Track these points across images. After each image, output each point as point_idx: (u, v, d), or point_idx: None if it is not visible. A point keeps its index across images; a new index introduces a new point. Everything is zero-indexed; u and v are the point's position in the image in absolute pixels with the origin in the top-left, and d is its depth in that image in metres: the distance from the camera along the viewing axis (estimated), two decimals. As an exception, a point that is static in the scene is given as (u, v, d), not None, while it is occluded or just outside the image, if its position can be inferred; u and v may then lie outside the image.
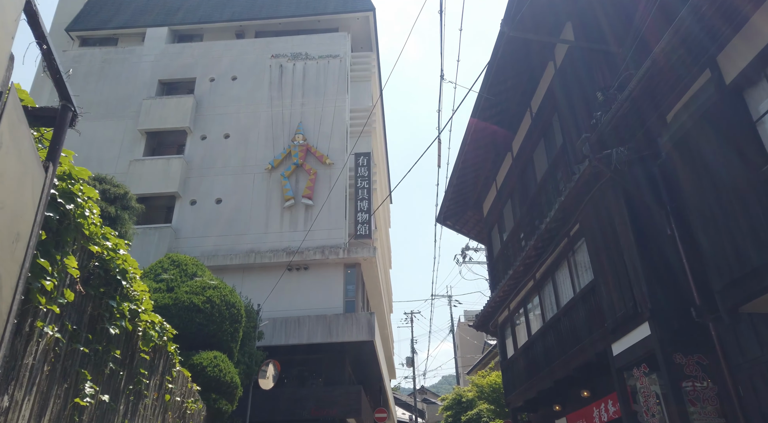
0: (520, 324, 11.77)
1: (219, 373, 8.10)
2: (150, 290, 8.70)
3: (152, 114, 21.75)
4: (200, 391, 7.27)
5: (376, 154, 24.10)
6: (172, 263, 9.63)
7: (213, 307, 8.86)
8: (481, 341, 46.32)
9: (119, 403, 3.49)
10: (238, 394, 8.84)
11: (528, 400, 11.07)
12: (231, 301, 9.26)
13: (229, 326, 9.07)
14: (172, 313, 8.43)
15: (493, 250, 14.08)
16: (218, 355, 8.37)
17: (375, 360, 19.71)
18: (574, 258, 9.06)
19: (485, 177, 13.80)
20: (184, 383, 5.52)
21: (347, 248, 18.98)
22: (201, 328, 8.60)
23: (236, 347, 9.30)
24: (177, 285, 9.00)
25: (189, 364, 7.85)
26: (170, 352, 4.78)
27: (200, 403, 6.36)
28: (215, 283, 9.38)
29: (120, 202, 9.99)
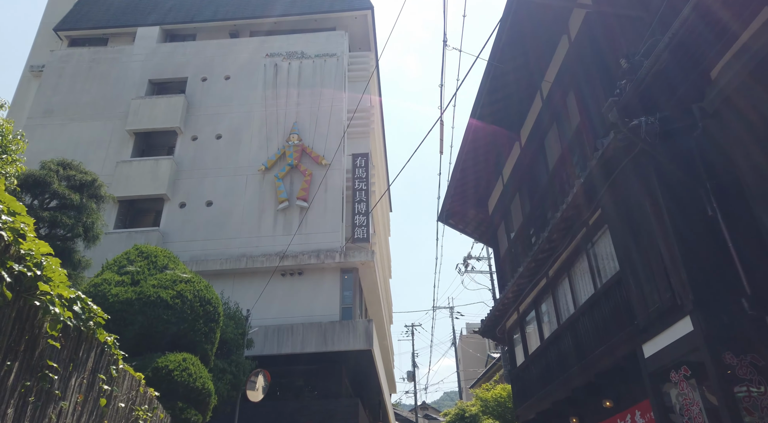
0: (531, 328, 10.73)
1: (188, 378, 7.03)
2: (112, 283, 7.71)
3: (141, 114, 20.92)
4: (164, 398, 6.25)
5: (375, 156, 23.22)
6: (139, 255, 8.60)
7: (184, 302, 7.81)
8: (484, 354, 45.00)
9: (2, 405, 2.49)
10: (212, 402, 7.79)
11: (541, 413, 9.99)
12: (206, 297, 8.23)
13: (203, 325, 8.02)
14: (135, 308, 7.39)
15: (499, 251, 13.08)
16: (188, 357, 7.32)
17: (374, 371, 18.58)
18: (593, 250, 8.08)
19: (490, 171, 12.87)
20: (134, 387, 4.50)
21: (344, 252, 17.99)
22: (169, 326, 7.54)
23: (212, 350, 8.27)
24: (143, 278, 7.96)
25: (153, 368, 6.82)
26: (106, 345, 3.77)
27: (161, 412, 5.35)
28: (188, 276, 8.35)
29: (87, 190, 9.04)
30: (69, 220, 8.65)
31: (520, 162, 11.27)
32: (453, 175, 12.45)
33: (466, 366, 48.23)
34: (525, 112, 10.81)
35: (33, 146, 17.51)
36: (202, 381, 7.28)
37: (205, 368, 7.60)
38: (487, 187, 13.35)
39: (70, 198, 8.76)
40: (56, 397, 3.07)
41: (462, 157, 11.69)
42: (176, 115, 20.81)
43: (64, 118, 21.22)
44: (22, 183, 8.47)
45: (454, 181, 12.41)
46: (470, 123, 10.44)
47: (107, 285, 7.61)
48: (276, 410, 15.55)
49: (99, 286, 7.58)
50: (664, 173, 6.28)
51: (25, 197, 8.57)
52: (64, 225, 8.58)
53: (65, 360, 3.17)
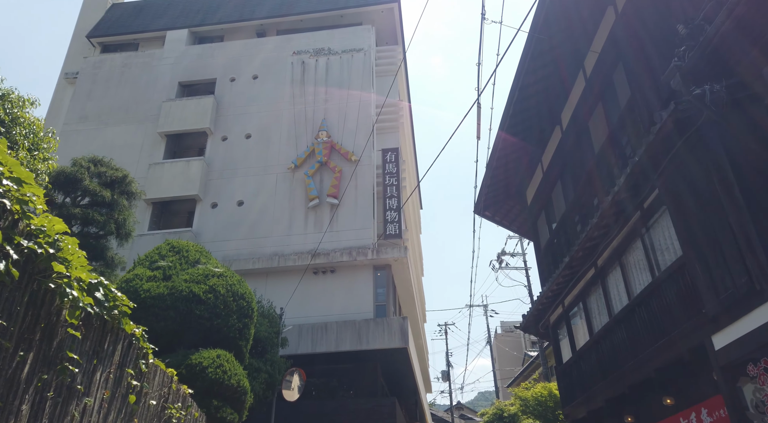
0: (578, 321, 10.14)
1: (222, 376, 6.78)
2: (143, 279, 7.53)
3: (172, 116, 21.07)
4: (198, 396, 6.00)
5: (404, 151, 22.81)
6: (171, 249, 8.41)
7: (217, 297, 7.56)
8: (520, 353, 44.02)
9: (16, 400, 2.20)
10: (248, 401, 7.52)
11: (593, 411, 9.40)
12: (239, 291, 7.97)
13: (237, 321, 7.76)
14: (168, 304, 7.18)
15: (539, 243, 12.49)
16: (223, 353, 7.07)
17: (409, 370, 18.16)
18: (649, 235, 7.48)
19: (528, 158, 12.29)
20: (166, 383, 4.23)
21: (376, 249, 17.64)
22: (202, 322, 7.31)
23: (246, 346, 8.01)
24: (175, 273, 7.76)
25: (186, 365, 6.59)
26: (134, 337, 3.49)
27: (195, 410, 5.09)
28: (221, 270, 8.11)
29: (118, 187, 8.93)
30: (101, 217, 8.56)
31: (561, 147, 10.68)
32: (489, 164, 11.94)
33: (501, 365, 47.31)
34: (566, 93, 10.23)
35: (69, 151, 17.78)
36: (237, 378, 7.01)
37: (239, 365, 7.35)
38: (525, 176, 12.77)
39: (102, 195, 8.67)
40: (79, 392, 2.78)
41: (499, 144, 11.17)
42: (206, 116, 20.87)
43: (98, 123, 21.55)
44: (54, 181, 8.44)
45: (490, 170, 11.90)
46: (507, 106, 9.93)
47: (139, 280, 7.45)
48: (312, 410, 15.31)
49: (131, 282, 7.43)
50: (733, 146, 5.69)
51: (58, 196, 8.54)
52: (95, 222, 8.50)
53: (88, 352, 2.88)
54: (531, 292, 28.78)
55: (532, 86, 9.81)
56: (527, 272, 29.95)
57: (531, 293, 28.50)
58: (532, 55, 9.07)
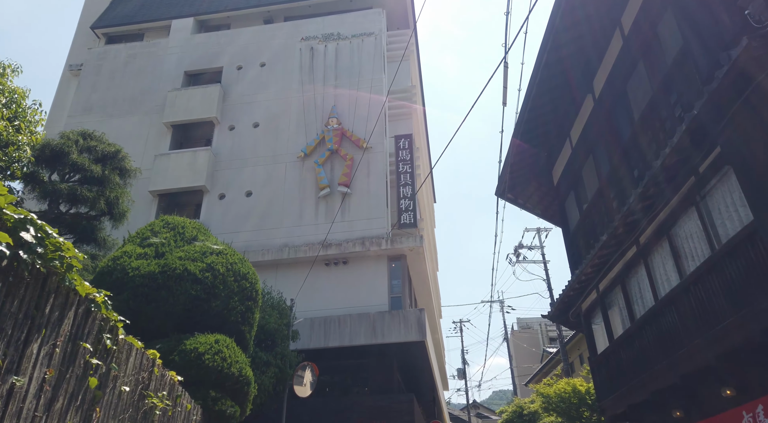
0: (616, 307, 9.23)
1: (221, 363, 5.97)
2: (132, 256, 6.78)
3: (177, 106, 20.44)
4: (193, 386, 5.25)
5: (417, 138, 21.95)
6: (165, 226, 7.61)
7: (215, 277, 6.77)
8: (539, 349, 42.95)
9: None
10: (252, 392, 6.73)
11: (635, 405, 8.49)
12: (241, 271, 7.18)
13: (239, 303, 6.96)
14: (159, 283, 6.38)
15: (568, 225, 11.57)
16: (222, 338, 6.27)
17: (427, 365, 17.32)
18: (706, 202, 6.56)
19: (556, 134, 11.39)
20: (146, 367, 3.45)
21: (390, 238, 16.82)
22: (199, 303, 6.50)
23: (250, 333, 7.21)
24: (169, 250, 6.97)
25: (180, 351, 5.83)
26: (95, 303, 2.70)
27: (187, 401, 4.33)
28: (220, 248, 7.32)
29: (110, 163, 8.19)
30: (89, 193, 7.85)
31: (594, 117, 9.77)
32: (512, 141, 11.05)
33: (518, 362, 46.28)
34: (599, 56, 9.31)
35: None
36: (239, 366, 6.22)
37: (242, 352, 6.56)
38: (552, 153, 11.86)
39: (91, 170, 7.95)
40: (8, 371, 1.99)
41: (524, 117, 10.29)
42: (212, 105, 20.21)
43: (103, 114, 21.00)
44: (39, 155, 7.74)
45: (513, 147, 11.01)
46: (535, 71, 9.05)
47: (127, 258, 6.67)
48: (326, 406, 14.54)
49: (118, 260, 6.66)
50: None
51: (43, 172, 7.85)
52: (84, 200, 7.79)
53: (15, 315, 2.09)
54: (550, 286, 27.97)
55: (562, 48, 8.92)
56: (546, 265, 29.05)
57: (550, 287, 27.69)
58: (564, 10, 8.19)
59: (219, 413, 5.70)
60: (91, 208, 8.03)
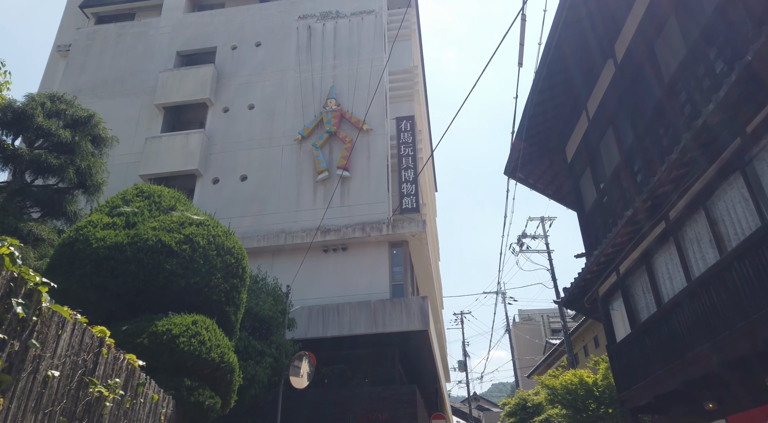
0: (640, 290, 8.48)
1: (199, 348, 5.19)
2: (98, 226, 6.00)
3: (169, 87, 19.60)
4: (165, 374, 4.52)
5: (419, 121, 21.14)
6: (139, 194, 6.75)
7: (195, 249, 5.96)
8: (542, 340, 42.38)
9: None
10: (236, 381, 5.96)
11: (661, 396, 7.76)
12: (226, 245, 6.36)
13: (222, 281, 6.15)
14: (128, 255, 5.56)
15: (584, 205, 10.80)
16: (201, 319, 5.46)
17: (429, 355, 16.63)
18: (753, 166, 5.79)
19: (571, 107, 10.60)
20: (89, 348, 2.69)
21: (391, 223, 16.06)
22: (175, 280, 5.67)
23: (236, 315, 6.43)
24: (142, 220, 6.19)
25: (150, 333, 5.05)
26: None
27: (153, 391, 3.59)
28: (201, 218, 6.52)
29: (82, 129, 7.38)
30: (56, 160, 7.04)
31: (615, 84, 8.98)
32: (524, 113, 10.25)
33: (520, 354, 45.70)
34: (623, 14, 8.50)
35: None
36: (220, 351, 5.42)
37: (225, 336, 5.77)
38: (566, 128, 11.07)
39: (58, 134, 7.14)
40: None
41: (537, 86, 9.49)
42: (205, 86, 19.38)
43: (92, 96, 20.13)
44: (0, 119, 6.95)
45: (525, 120, 10.22)
46: (552, 32, 8.25)
47: (92, 227, 5.83)
48: (325, 398, 13.85)
49: (81, 229, 5.82)
50: None
51: (6, 137, 7.07)
52: (50, 167, 6.99)
53: None
54: (554, 276, 27.48)
55: (581, 6, 8.11)
56: (549, 255, 28.46)
57: (554, 276, 27.19)
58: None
59: (195, 405, 4.93)
60: (60, 177, 7.24)
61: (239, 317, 6.57)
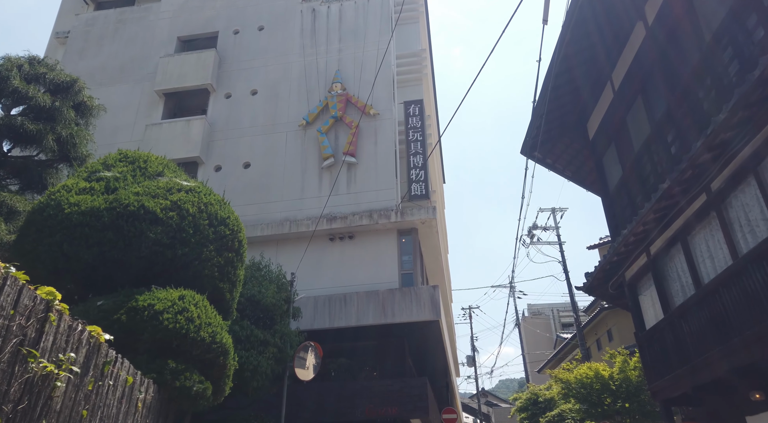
0: (674, 272, 7.79)
1: (187, 325, 4.53)
2: (73, 190, 5.37)
3: (170, 72, 19.01)
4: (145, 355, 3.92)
5: (428, 107, 20.45)
6: (123, 159, 6.08)
7: (183, 217, 5.24)
8: (552, 334, 41.67)
9: None
10: (231, 365, 5.29)
11: (700, 387, 7.09)
12: (219, 215, 5.67)
13: (216, 254, 5.47)
14: (105, 222, 4.90)
15: (607, 185, 10.10)
16: (189, 295, 4.79)
17: (441, 347, 16.01)
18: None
19: (593, 80, 9.90)
20: (30, 311, 2.06)
21: (400, 210, 15.41)
22: (160, 250, 5.04)
23: (232, 293, 5.73)
24: (123, 186, 5.53)
25: (129, 308, 4.44)
26: None
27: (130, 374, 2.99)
28: (191, 184, 5.86)
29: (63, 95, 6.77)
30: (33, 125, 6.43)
31: (644, 50, 8.27)
32: (543, 88, 9.56)
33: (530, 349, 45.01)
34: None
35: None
36: (212, 330, 4.75)
37: (217, 314, 5.10)
38: (587, 105, 10.37)
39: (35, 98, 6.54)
40: None
41: (560, 50, 8.78)
42: (207, 72, 18.78)
43: (91, 83, 19.42)
44: (-29, 81, 6.41)
45: (545, 91, 9.51)
46: None
47: (65, 192, 5.13)
48: (331, 391, 13.26)
49: (54, 194, 5.18)
50: None
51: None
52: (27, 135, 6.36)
53: None
54: (566, 268, 26.96)
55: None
56: (561, 246, 27.85)
57: (566, 268, 26.69)
58: None
59: (181, 390, 4.27)
60: (39, 147, 6.65)
61: (236, 296, 5.93)
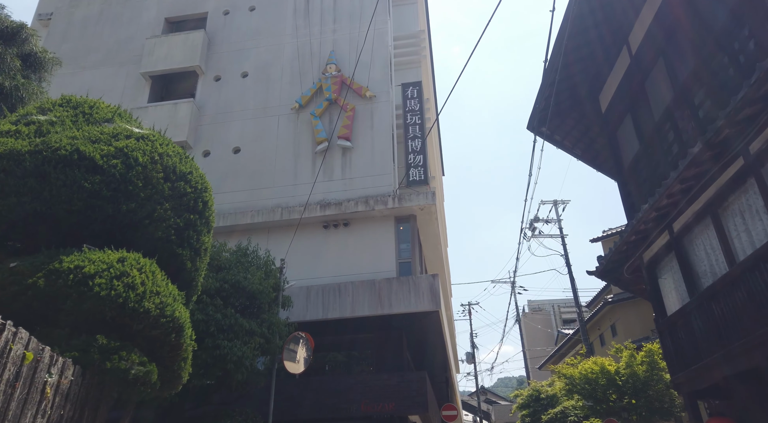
0: (702, 250, 7.00)
1: (126, 293, 3.58)
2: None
3: (156, 54, 18.16)
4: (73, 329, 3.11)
5: (426, 91, 19.64)
6: (65, 103, 5.11)
7: (130, 167, 4.29)
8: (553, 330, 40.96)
9: None
10: (187, 344, 4.37)
11: (734, 376, 6.30)
12: (179, 169, 4.69)
13: (173, 214, 4.51)
14: (27, 168, 3.97)
15: (621, 160, 9.31)
16: (133, 258, 3.83)
17: (440, 340, 15.22)
18: None
19: (608, 43, 9.09)
20: None
21: (398, 196, 14.61)
22: (99, 204, 4.09)
23: (195, 263, 4.70)
24: (59, 131, 4.67)
25: (48, 271, 3.57)
26: None
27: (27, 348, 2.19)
28: (146, 132, 4.98)
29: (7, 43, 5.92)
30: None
31: (666, 6, 7.47)
32: (554, 51, 8.75)
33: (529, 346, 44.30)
34: None
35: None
36: (160, 301, 3.78)
37: (169, 283, 4.20)
38: (600, 73, 9.56)
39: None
40: None
41: (571, 11, 7.98)
42: (195, 53, 17.94)
43: (75, 66, 18.75)
44: None
45: (554, 58, 8.71)
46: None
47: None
48: (325, 386, 12.46)
49: None
50: None
51: None
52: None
53: None
54: (568, 261, 26.33)
55: None
56: (563, 240, 27.20)
57: (568, 262, 26.04)
58: None
59: (114, 373, 3.38)
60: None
61: (201, 267, 5.06)
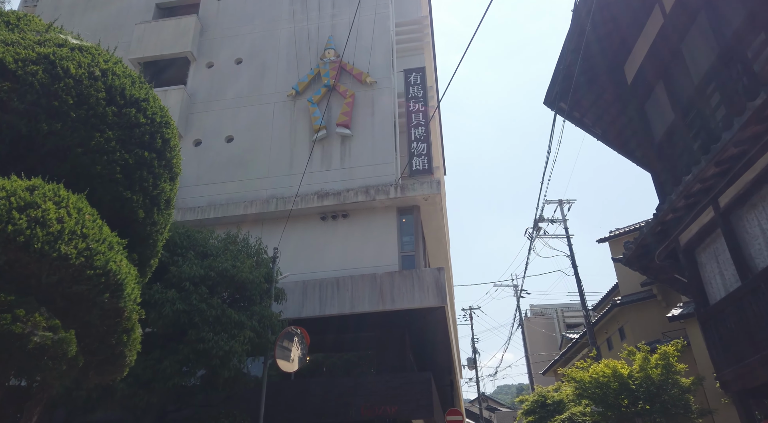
0: (756, 226, 6.08)
1: (34, 232, 2.39)
2: None
3: (146, 40, 17.31)
4: None
5: (429, 78, 18.79)
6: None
7: (56, 78, 3.41)
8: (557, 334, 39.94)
9: None
10: (130, 311, 3.30)
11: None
12: (130, 93, 3.65)
13: (119, 147, 3.61)
14: None
15: (652, 133, 8.41)
16: (51, 188, 2.63)
17: (445, 339, 14.25)
18: None
19: (634, 8, 8.22)
20: None
21: (400, 185, 13.70)
22: (9, 119, 2.95)
23: (151, 213, 3.65)
24: None
25: None
26: None
27: None
28: (88, 44, 4.07)
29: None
30: None
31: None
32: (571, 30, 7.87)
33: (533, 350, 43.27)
34: None
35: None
36: (86, 246, 2.79)
37: (103, 225, 3.13)
38: (626, 38, 8.68)
39: None
40: None
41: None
42: (187, 39, 17.09)
43: (61, 53, 17.86)
44: None
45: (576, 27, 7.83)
46: None
47: None
48: (322, 388, 11.48)
49: None
50: None
51: None
52: None
53: None
54: (574, 261, 25.59)
55: None
56: (569, 239, 26.32)
57: (574, 262, 25.28)
58: None
59: (5, 338, 2.47)
60: None
61: (161, 223, 4.09)
